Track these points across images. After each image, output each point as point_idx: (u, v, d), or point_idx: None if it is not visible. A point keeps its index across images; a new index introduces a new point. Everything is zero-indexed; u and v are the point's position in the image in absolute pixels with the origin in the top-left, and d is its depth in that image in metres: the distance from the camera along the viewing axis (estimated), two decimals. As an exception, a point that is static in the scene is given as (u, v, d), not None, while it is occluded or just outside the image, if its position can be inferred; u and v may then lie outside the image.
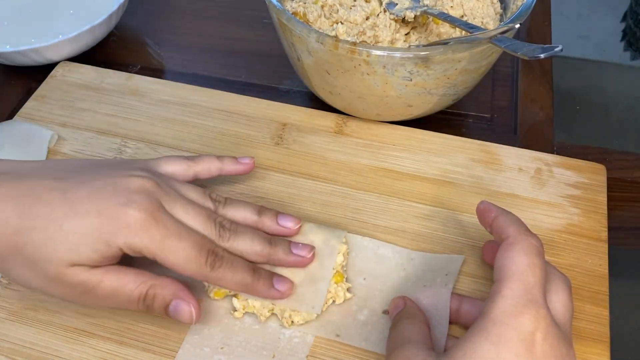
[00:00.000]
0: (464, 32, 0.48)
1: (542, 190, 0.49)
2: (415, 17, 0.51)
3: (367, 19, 0.52)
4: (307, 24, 0.51)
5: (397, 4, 0.52)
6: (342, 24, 0.51)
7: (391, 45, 0.50)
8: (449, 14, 0.51)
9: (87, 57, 0.62)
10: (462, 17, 0.52)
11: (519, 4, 0.49)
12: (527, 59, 0.41)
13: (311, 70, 0.50)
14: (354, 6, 0.53)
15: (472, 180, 0.50)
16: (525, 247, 0.35)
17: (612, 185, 0.50)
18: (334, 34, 0.48)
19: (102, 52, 0.64)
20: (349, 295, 0.42)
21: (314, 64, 0.49)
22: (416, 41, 0.52)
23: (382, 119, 0.54)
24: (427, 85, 0.48)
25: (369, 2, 0.53)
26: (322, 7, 0.52)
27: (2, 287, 0.44)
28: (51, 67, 0.60)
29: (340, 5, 0.53)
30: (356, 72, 0.47)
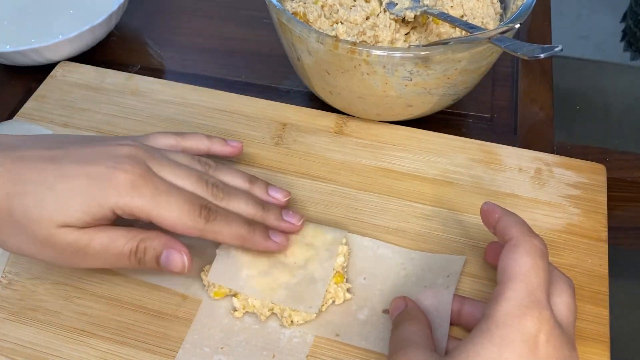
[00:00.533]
0: (464, 32, 0.48)
1: (542, 190, 0.49)
2: (415, 17, 0.51)
3: (367, 19, 0.52)
4: (307, 24, 0.51)
5: (397, 4, 0.52)
6: (342, 24, 0.51)
7: (391, 45, 0.50)
8: (449, 14, 0.51)
9: (87, 57, 0.62)
10: (462, 17, 0.52)
11: (519, 4, 0.49)
12: (527, 59, 0.41)
13: (311, 70, 0.50)
14: (354, 6, 0.53)
15: (472, 180, 0.50)
16: (528, 249, 0.35)
17: (612, 185, 0.51)
18: (334, 34, 0.48)
19: (102, 52, 0.64)
20: (349, 295, 0.42)
21: (314, 64, 0.49)
22: (416, 41, 0.52)
23: (382, 119, 0.54)
24: (427, 85, 0.48)
25: (369, 2, 0.53)
26: (322, 7, 0.52)
27: (2, 287, 0.44)
28: (51, 67, 0.60)
29: (340, 5, 0.53)
30: (356, 72, 0.47)
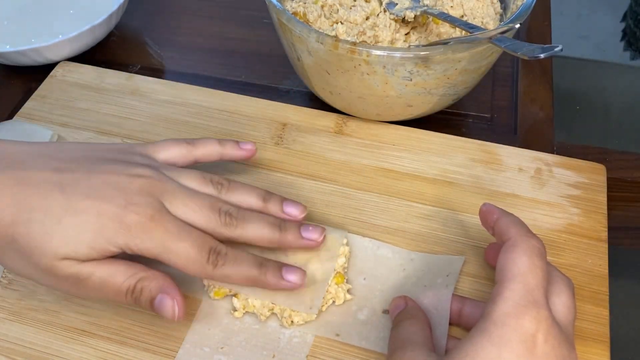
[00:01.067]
0: (464, 32, 0.48)
1: (542, 190, 0.49)
2: (415, 17, 0.51)
3: (367, 19, 0.52)
4: (307, 24, 0.51)
5: (397, 4, 0.52)
6: (342, 24, 0.51)
7: (391, 45, 0.50)
8: (449, 14, 0.51)
9: (87, 57, 0.62)
10: (462, 17, 0.52)
11: (519, 4, 0.49)
12: (527, 59, 0.41)
13: (311, 70, 0.50)
14: (354, 6, 0.53)
15: (472, 180, 0.50)
16: (526, 249, 0.35)
17: (612, 185, 0.50)
18: (334, 34, 0.48)
19: (102, 52, 0.64)
20: (349, 296, 0.42)
21: (314, 64, 0.49)
22: (416, 41, 0.52)
23: (382, 119, 0.54)
24: (427, 85, 0.48)
25: (369, 2, 0.53)
26: (322, 7, 0.52)
27: (2, 287, 0.44)
28: (51, 67, 0.60)
29: (340, 5, 0.53)
30: (356, 72, 0.47)
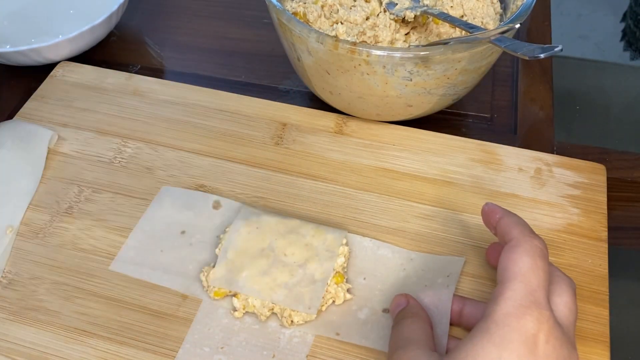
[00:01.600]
0: (464, 32, 0.48)
1: (542, 190, 0.49)
2: (415, 17, 0.51)
3: (367, 19, 0.52)
4: (307, 24, 0.51)
5: (397, 4, 0.52)
6: (342, 24, 0.51)
7: (391, 45, 0.50)
8: (449, 14, 0.51)
9: (87, 57, 0.62)
10: (462, 17, 0.52)
11: (519, 4, 0.49)
12: (527, 59, 0.41)
13: (311, 70, 0.50)
14: (354, 6, 0.53)
15: (472, 180, 0.50)
16: (528, 249, 0.35)
17: (612, 185, 0.50)
18: (334, 34, 0.48)
19: (102, 52, 0.64)
20: (349, 296, 0.42)
21: (314, 64, 0.49)
22: (416, 41, 0.52)
23: (382, 119, 0.54)
24: (427, 85, 0.48)
25: (369, 2, 0.53)
26: (322, 7, 0.52)
27: (2, 287, 0.44)
28: (51, 67, 0.60)
29: (340, 5, 0.53)
30: (356, 72, 0.47)
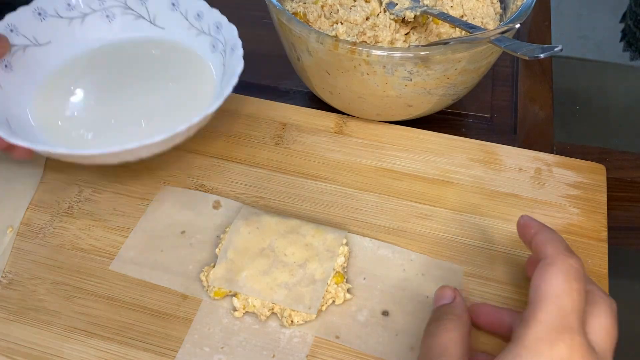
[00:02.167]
0: (464, 32, 0.48)
1: (542, 190, 0.49)
2: (415, 17, 0.51)
3: (367, 19, 0.52)
4: (307, 24, 0.51)
5: (397, 4, 0.52)
6: (342, 24, 0.51)
7: (391, 45, 0.50)
8: (449, 14, 0.51)
9: (87, 57, 0.62)
10: (462, 17, 0.52)
11: (519, 4, 0.49)
12: (527, 59, 0.41)
13: (311, 70, 0.50)
14: (354, 6, 0.53)
15: (472, 180, 0.50)
16: (563, 269, 0.33)
17: (612, 185, 0.50)
18: (334, 34, 0.48)
19: (102, 52, 0.64)
20: (349, 296, 0.42)
21: (314, 64, 0.49)
22: (416, 41, 0.52)
23: (382, 119, 0.54)
24: (427, 85, 0.48)
25: (369, 2, 0.53)
26: (322, 7, 0.52)
27: (2, 287, 0.44)
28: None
29: (340, 5, 0.53)
30: (356, 72, 0.47)
